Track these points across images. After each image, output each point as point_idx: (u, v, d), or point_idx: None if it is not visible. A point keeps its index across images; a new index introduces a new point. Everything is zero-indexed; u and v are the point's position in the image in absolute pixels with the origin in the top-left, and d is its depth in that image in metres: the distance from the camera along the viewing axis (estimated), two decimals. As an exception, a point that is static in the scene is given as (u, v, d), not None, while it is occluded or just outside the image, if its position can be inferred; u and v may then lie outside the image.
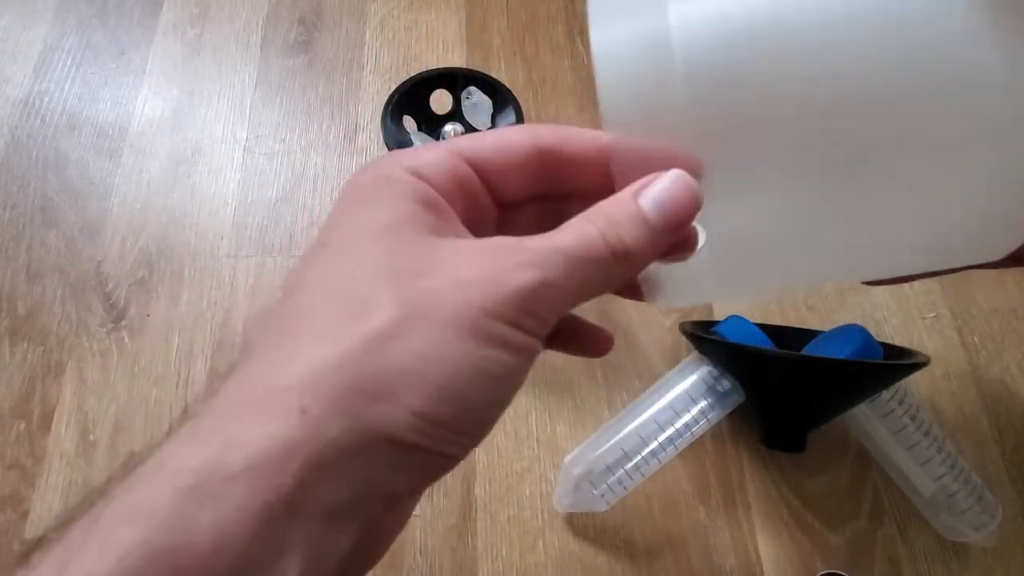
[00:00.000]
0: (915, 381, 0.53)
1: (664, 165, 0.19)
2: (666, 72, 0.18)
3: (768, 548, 0.48)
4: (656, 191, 0.18)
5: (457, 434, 0.17)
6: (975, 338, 0.56)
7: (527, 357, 0.18)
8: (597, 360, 0.53)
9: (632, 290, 0.23)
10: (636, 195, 0.19)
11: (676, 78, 0.17)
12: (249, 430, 0.16)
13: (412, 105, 0.50)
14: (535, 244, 0.18)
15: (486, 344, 0.17)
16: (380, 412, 0.16)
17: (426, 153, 0.20)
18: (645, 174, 0.19)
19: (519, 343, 0.18)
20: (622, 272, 0.19)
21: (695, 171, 0.19)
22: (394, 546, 0.51)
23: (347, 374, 0.16)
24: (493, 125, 0.50)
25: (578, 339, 0.24)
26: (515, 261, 0.18)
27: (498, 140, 0.21)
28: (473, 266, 0.18)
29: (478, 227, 0.21)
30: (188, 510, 0.15)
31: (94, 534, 0.15)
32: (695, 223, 0.19)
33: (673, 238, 0.19)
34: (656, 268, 0.21)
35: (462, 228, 0.20)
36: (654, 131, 0.18)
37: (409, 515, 0.21)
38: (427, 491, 0.52)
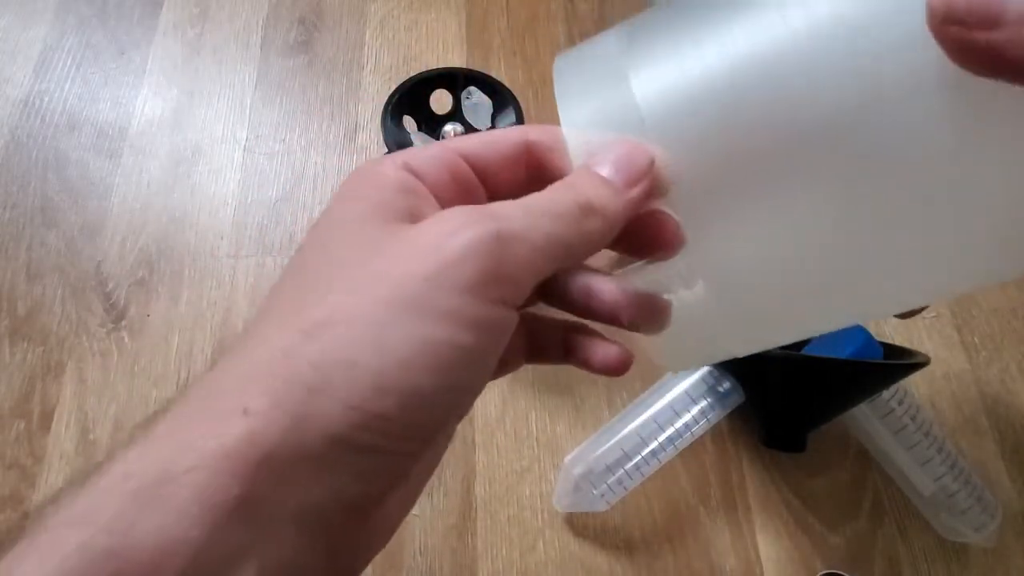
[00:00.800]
0: (915, 381, 0.53)
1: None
2: (628, 104, 0.18)
3: (768, 548, 0.48)
4: (604, 154, 0.18)
5: (407, 428, 0.16)
6: (975, 338, 0.56)
7: (488, 331, 0.16)
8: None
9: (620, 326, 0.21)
10: (588, 165, 0.19)
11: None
12: (197, 432, 0.15)
13: (412, 105, 0.50)
14: (495, 205, 0.17)
15: (431, 320, 0.15)
16: (321, 408, 0.15)
17: (421, 150, 0.20)
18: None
19: (473, 315, 0.16)
20: (593, 225, 0.18)
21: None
22: (393, 546, 0.51)
23: (288, 366, 0.16)
24: (493, 125, 0.50)
25: (591, 354, 0.22)
26: (465, 219, 0.16)
27: (488, 136, 0.21)
28: (426, 236, 0.16)
29: None
30: (130, 513, 0.14)
31: (40, 538, 0.15)
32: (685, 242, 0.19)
33: (637, 197, 0.18)
34: (662, 329, 0.21)
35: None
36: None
37: (388, 527, 0.20)
38: (427, 490, 0.52)
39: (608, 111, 0.19)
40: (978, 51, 0.14)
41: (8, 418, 0.50)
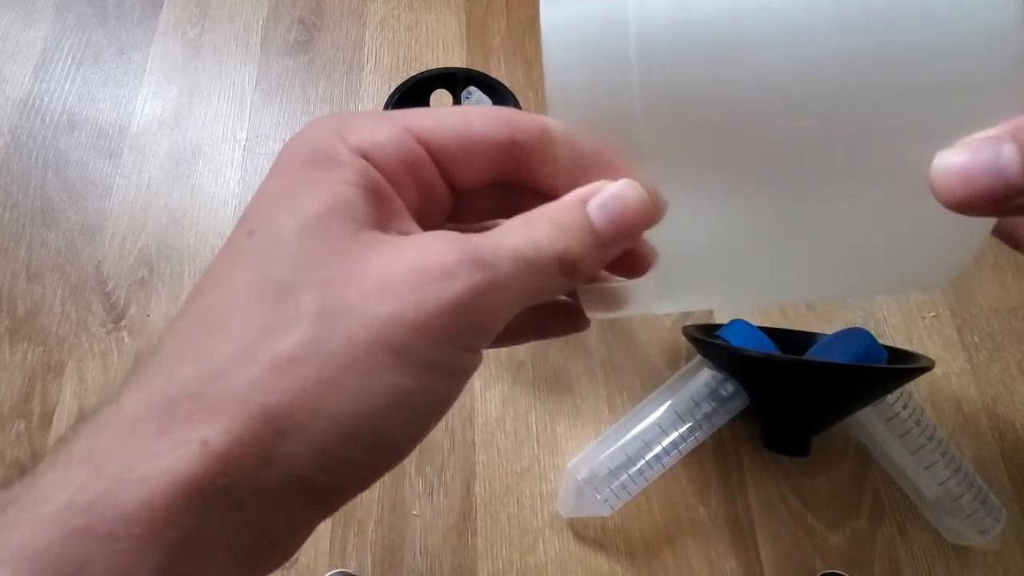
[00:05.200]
0: (915, 382, 0.53)
1: (612, 169, 0.17)
2: (620, 62, 0.16)
3: (768, 548, 0.48)
4: (604, 198, 0.17)
5: (370, 470, 0.16)
6: (975, 338, 0.56)
7: (459, 378, 0.16)
8: (597, 360, 0.53)
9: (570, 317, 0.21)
10: (584, 201, 0.17)
11: (630, 70, 0.16)
12: (146, 461, 0.14)
13: (412, 105, 0.50)
14: (481, 242, 0.16)
15: (413, 372, 0.15)
16: (287, 450, 0.14)
17: (376, 128, 0.17)
18: (595, 171, 0.17)
19: (454, 365, 0.16)
20: (567, 281, 0.17)
21: (644, 179, 0.17)
22: (394, 545, 0.51)
23: (253, 403, 0.14)
24: (493, 125, 0.50)
25: (554, 319, 0.21)
26: (458, 259, 0.15)
27: (464, 128, 0.18)
28: (408, 268, 0.15)
29: (427, 214, 0.18)
30: (79, 553, 0.13)
31: None
32: (648, 239, 0.18)
33: (621, 249, 0.17)
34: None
35: (408, 221, 0.17)
36: (603, 125, 0.17)
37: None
38: (427, 490, 0.51)
39: (591, 22, 0.17)
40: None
41: (8, 418, 0.50)
